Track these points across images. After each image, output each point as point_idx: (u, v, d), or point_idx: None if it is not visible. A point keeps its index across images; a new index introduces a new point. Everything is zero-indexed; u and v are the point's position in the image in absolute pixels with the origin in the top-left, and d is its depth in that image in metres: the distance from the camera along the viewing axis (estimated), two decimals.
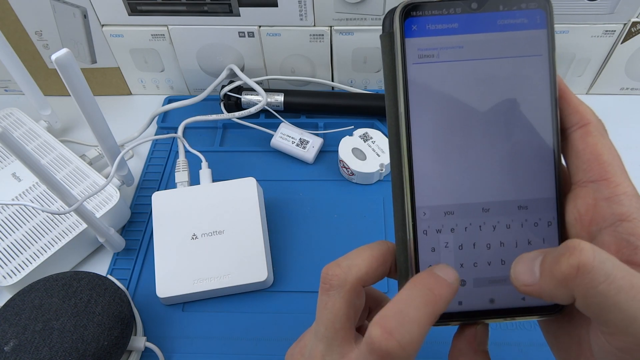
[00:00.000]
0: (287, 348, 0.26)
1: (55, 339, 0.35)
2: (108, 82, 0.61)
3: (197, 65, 0.58)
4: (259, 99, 0.54)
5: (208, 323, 0.43)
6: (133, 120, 0.58)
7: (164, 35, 0.55)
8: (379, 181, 0.51)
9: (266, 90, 0.55)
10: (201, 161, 0.50)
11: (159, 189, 0.52)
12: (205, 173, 0.49)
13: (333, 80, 0.59)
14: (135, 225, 0.49)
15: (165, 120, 0.59)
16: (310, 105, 0.56)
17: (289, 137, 0.53)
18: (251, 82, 0.54)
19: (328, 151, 0.54)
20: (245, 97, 0.55)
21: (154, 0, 0.51)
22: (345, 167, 0.50)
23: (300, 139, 0.53)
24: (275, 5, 0.50)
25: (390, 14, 0.21)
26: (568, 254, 0.18)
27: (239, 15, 0.52)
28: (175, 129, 0.55)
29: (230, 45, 0.55)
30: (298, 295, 0.44)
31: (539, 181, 0.22)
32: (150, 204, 0.46)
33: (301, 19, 0.52)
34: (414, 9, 0.21)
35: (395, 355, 0.18)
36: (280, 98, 0.55)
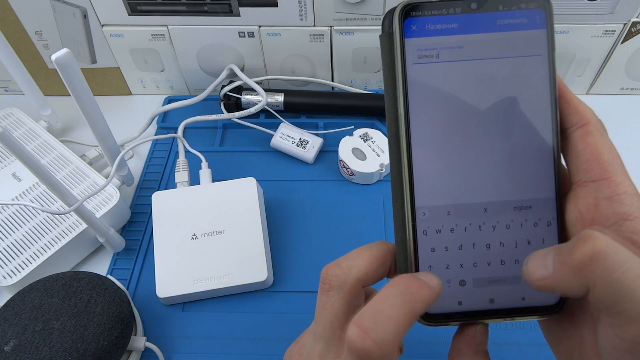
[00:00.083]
0: (287, 348, 0.26)
1: (55, 339, 0.35)
2: (108, 82, 0.61)
3: (197, 65, 0.58)
4: (259, 99, 0.54)
5: (208, 323, 0.43)
6: (133, 120, 0.58)
7: (164, 35, 0.55)
8: (379, 181, 0.51)
9: (266, 90, 0.54)
10: (201, 161, 0.50)
11: (159, 189, 0.52)
12: (205, 173, 0.49)
13: (333, 80, 0.59)
14: (135, 225, 0.49)
15: (165, 120, 0.59)
16: (310, 105, 0.56)
17: (289, 137, 0.53)
18: (251, 82, 0.54)
19: (328, 151, 0.54)
20: (245, 97, 0.55)
21: (154, 0, 0.51)
22: (345, 167, 0.50)
23: (300, 139, 0.53)
24: (275, 5, 0.50)
25: (390, 14, 0.21)
26: (582, 242, 0.18)
27: (239, 15, 0.52)
28: (175, 129, 0.55)
29: (230, 45, 0.55)
30: (298, 295, 0.44)
31: (538, 181, 0.22)
32: (150, 204, 0.46)
33: (301, 19, 0.52)
34: (414, 9, 0.21)
35: (372, 353, 0.18)
36: (280, 98, 0.55)
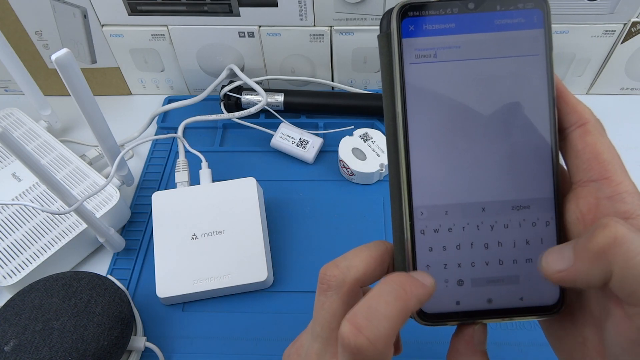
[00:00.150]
0: (286, 348, 0.26)
1: (55, 339, 0.35)
2: (108, 82, 0.61)
3: (197, 65, 0.58)
4: (259, 99, 0.54)
5: (208, 323, 0.43)
6: (133, 120, 0.58)
7: (164, 35, 0.55)
8: (379, 181, 0.51)
9: (266, 90, 0.55)
10: (201, 161, 0.50)
11: (159, 189, 0.52)
12: (205, 173, 0.49)
13: (333, 80, 0.59)
14: (135, 225, 0.49)
15: (165, 120, 0.59)
16: (310, 105, 0.56)
17: (289, 137, 0.53)
18: (251, 82, 0.54)
19: (328, 151, 0.54)
20: (245, 97, 0.55)
21: (154, 0, 0.51)
22: (345, 167, 0.50)
23: (300, 139, 0.53)
24: (275, 5, 0.51)
25: (388, 14, 0.21)
26: (602, 228, 0.18)
27: (239, 15, 0.52)
28: (175, 129, 0.55)
29: (230, 45, 0.55)
30: (298, 295, 0.44)
31: (537, 181, 0.22)
32: (150, 204, 0.46)
33: (301, 19, 0.52)
34: (411, 9, 0.21)
35: (366, 350, 0.18)
36: (280, 98, 0.55)
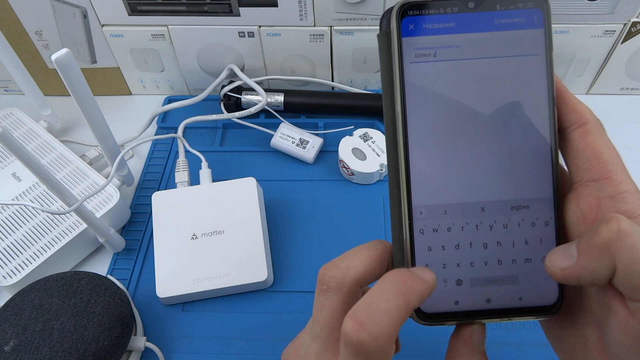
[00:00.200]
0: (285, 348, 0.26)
1: (55, 339, 0.35)
2: (108, 82, 0.61)
3: (197, 65, 0.58)
4: (259, 99, 0.54)
5: (208, 323, 0.43)
6: (133, 120, 0.58)
7: (164, 35, 0.55)
8: (379, 181, 0.51)
9: (266, 90, 0.55)
10: (201, 161, 0.50)
11: (159, 189, 0.52)
12: (205, 173, 0.49)
13: (333, 80, 0.59)
14: (135, 225, 0.49)
15: (165, 120, 0.59)
16: (310, 105, 0.56)
17: (289, 137, 0.53)
18: (251, 82, 0.54)
19: (328, 151, 0.54)
20: (245, 97, 0.55)
21: (154, 0, 0.51)
22: (345, 167, 0.50)
23: (300, 139, 0.53)
24: (275, 5, 0.51)
25: (388, 13, 0.21)
26: (606, 222, 0.18)
27: (239, 15, 0.52)
28: (175, 129, 0.55)
29: (230, 45, 0.55)
30: (298, 295, 0.44)
31: (536, 181, 0.22)
32: (150, 204, 0.46)
33: (301, 19, 0.52)
34: (411, 8, 0.21)
35: (368, 346, 0.19)
36: (280, 98, 0.55)
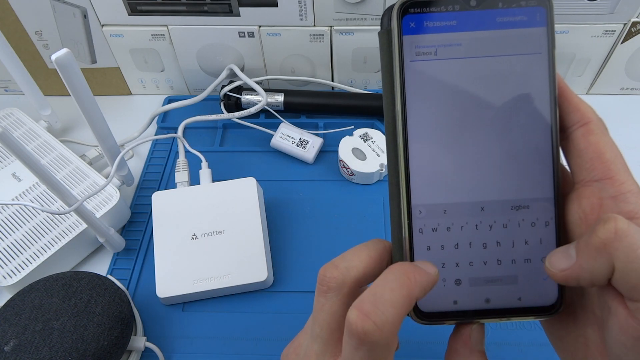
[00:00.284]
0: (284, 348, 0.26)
1: (55, 339, 0.35)
2: (108, 82, 0.61)
3: (197, 65, 0.58)
4: (259, 99, 0.54)
5: (208, 323, 0.43)
6: (133, 120, 0.58)
7: (164, 35, 0.55)
8: (379, 181, 0.51)
9: (266, 90, 0.54)
10: (201, 161, 0.50)
11: (159, 189, 0.52)
12: (205, 173, 0.49)
13: (333, 80, 0.59)
14: (135, 225, 0.49)
15: (165, 120, 0.59)
16: (310, 105, 0.56)
17: (289, 137, 0.53)
18: (251, 82, 0.54)
19: (328, 151, 0.54)
20: (245, 97, 0.55)
21: (154, 0, 0.51)
22: (345, 167, 0.50)
23: (300, 139, 0.53)
24: (275, 5, 0.50)
25: (388, 11, 0.21)
26: (604, 222, 0.18)
27: (239, 15, 0.52)
28: (175, 129, 0.55)
29: (230, 45, 0.55)
30: (298, 295, 0.44)
31: (537, 180, 0.22)
32: (150, 204, 0.46)
33: (301, 19, 0.52)
34: (412, 6, 0.21)
35: (373, 335, 0.19)
36: (280, 98, 0.55)
